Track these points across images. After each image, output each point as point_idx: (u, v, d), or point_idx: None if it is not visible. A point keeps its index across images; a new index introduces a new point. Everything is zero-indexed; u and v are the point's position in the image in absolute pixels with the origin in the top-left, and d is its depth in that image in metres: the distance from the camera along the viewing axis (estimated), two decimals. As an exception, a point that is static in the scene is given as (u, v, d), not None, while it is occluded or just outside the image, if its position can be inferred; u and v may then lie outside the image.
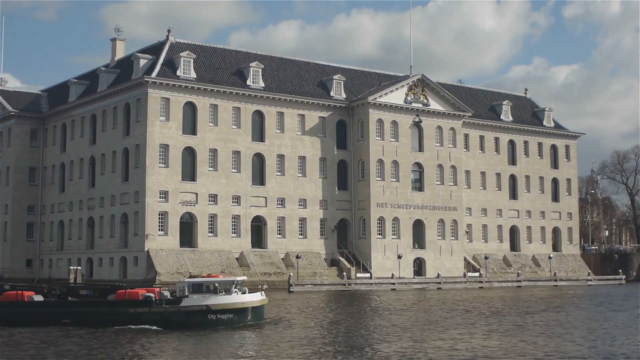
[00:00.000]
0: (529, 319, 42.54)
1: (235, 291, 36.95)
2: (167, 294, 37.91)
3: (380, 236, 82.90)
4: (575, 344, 31.07)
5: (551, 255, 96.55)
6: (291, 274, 74.26)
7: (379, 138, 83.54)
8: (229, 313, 36.36)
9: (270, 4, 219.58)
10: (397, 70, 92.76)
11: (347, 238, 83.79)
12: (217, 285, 36.82)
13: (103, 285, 44.06)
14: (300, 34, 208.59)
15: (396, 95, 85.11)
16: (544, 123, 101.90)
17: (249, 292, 38.01)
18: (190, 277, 40.81)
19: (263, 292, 38.85)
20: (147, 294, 36.91)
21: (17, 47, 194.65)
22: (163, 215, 73.31)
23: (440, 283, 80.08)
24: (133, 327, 35.58)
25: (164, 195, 73.42)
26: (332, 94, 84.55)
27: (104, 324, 35.78)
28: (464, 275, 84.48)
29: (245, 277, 41.36)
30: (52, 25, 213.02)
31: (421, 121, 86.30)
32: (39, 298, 38.43)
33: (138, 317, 36.02)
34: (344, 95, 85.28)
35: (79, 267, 71.27)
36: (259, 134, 79.63)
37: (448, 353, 28.24)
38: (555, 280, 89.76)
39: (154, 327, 35.38)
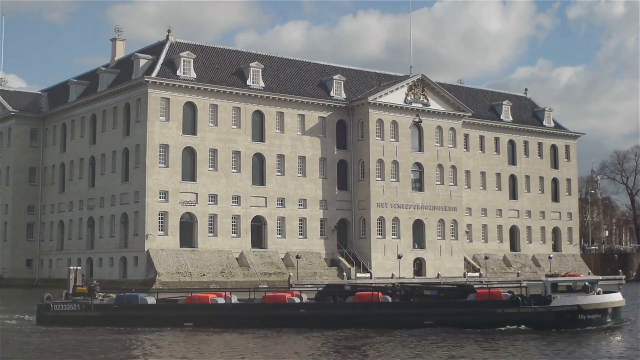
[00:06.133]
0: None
1: (599, 291, 35.83)
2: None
3: (380, 236, 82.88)
4: None
5: (551, 255, 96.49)
6: (291, 274, 74.25)
7: (379, 138, 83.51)
8: (597, 313, 35.20)
9: (279, 4, 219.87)
10: (403, 72, 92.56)
11: (347, 238, 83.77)
12: (587, 284, 35.60)
13: (448, 286, 42.71)
14: (307, 35, 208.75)
15: (396, 95, 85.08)
16: (544, 123, 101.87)
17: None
18: (547, 276, 39.29)
19: (620, 292, 37.67)
20: (511, 294, 36.07)
21: (23, 48, 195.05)
22: (163, 215, 73.29)
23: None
24: (503, 328, 34.37)
25: (164, 195, 73.41)
26: (332, 94, 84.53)
27: (468, 325, 34.66)
28: (464, 276, 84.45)
29: (600, 277, 40.00)
30: (60, 27, 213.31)
31: (421, 121, 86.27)
32: (387, 299, 37.08)
33: (506, 317, 34.76)
34: (344, 95, 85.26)
35: (79, 267, 70.99)
36: (259, 134, 79.61)
37: None
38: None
39: (524, 328, 34.39)
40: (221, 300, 37.50)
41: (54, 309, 38.34)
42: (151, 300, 38.74)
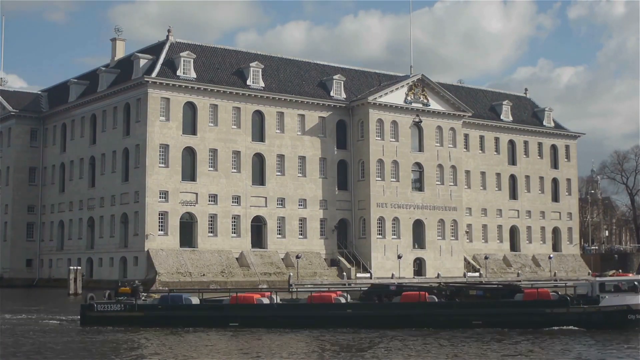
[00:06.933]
0: None
1: None
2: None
3: (380, 236, 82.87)
4: None
5: (551, 255, 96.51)
6: (291, 274, 74.25)
7: (379, 138, 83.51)
8: None
9: (280, 5, 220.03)
10: (403, 72, 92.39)
11: (347, 238, 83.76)
12: (636, 283, 35.14)
13: (494, 285, 42.22)
14: (308, 35, 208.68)
15: (396, 95, 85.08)
16: (544, 123, 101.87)
17: None
18: (595, 275, 38.76)
19: None
20: (557, 293, 35.84)
21: (23, 48, 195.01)
22: (163, 215, 73.30)
23: (440, 283, 79.89)
24: (555, 328, 34.09)
25: (164, 195, 73.41)
26: (332, 94, 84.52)
27: (517, 325, 34.47)
28: (464, 276, 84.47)
29: None
30: (61, 27, 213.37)
31: (421, 121, 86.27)
32: (434, 299, 36.82)
33: (555, 318, 34.59)
34: (344, 95, 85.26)
35: (79, 267, 71.43)
36: (259, 134, 79.61)
37: None
38: (555, 280, 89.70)
39: (572, 328, 34.09)
40: (266, 301, 37.30)
41: (97, 310, 37.94)
42: (195, 300, 38.46)
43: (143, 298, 38.82)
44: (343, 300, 36.92)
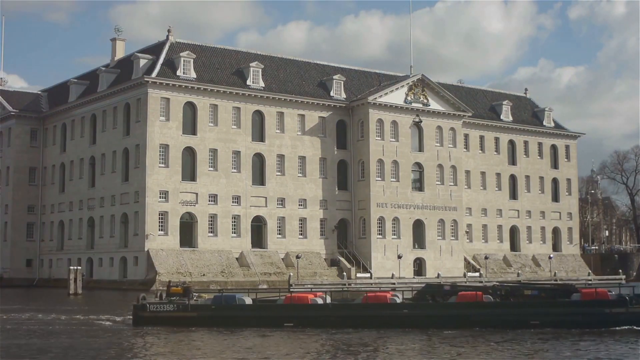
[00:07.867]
0: None
1: None
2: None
3: (380, 236, 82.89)
4: None
5: (551, 255, 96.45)
6: (291, 274, 74.20)
7: (379, 138, 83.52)
8: None
9: (281, 5, 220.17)
10: (404, 73, 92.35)
11: (347, 238, 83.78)
12: None
13: (548, 285, 42.34)
14: (308, 35, 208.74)
15: (396, 95, 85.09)
16: (544, 123, 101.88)
17: None
18: None
19: None
20: (617, 293, 35.54)
21: (24, 48, 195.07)
22: (163, 215, 73.31)
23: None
24: (617, 328, 33.45)
25: (164, 195, 73.43)
26: (332, 94, 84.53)
27: (575, 325, 34.00)
28: (464, 276, 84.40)
29: None
30: (63, 27, 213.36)
31: (421, 121, 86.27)
32: (490, 299, 36.23)
33: (614, 317, 33.97)
34: (344, 95, 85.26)
35: (79, 267, 71.34)
36: (259, 134, 79.63)
37: None
38: (555, 281, 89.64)
39: (632, 328, 33.45)
40: (320, 301, 36.88)
41: (150, 310, 37.24)
42: (248, 300, 37.84)
43: (195, 298, 38.71)
44: (398, 300, 36.56)
